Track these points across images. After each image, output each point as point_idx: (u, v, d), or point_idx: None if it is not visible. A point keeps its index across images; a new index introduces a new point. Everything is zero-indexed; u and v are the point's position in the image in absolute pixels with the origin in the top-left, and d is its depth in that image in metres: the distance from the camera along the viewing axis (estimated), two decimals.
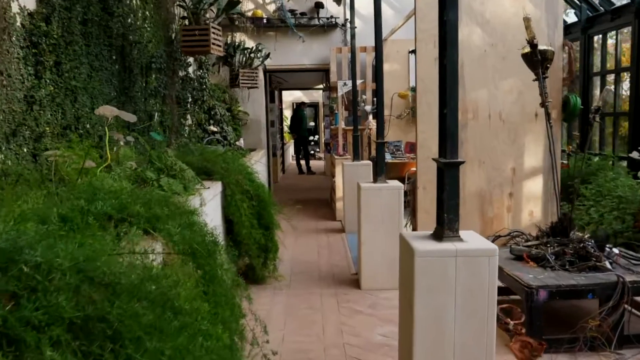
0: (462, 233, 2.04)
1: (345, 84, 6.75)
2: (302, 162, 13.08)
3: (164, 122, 4.98)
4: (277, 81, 11.63)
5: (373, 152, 7.69)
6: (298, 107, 13.28)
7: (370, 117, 7.54)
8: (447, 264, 1.89)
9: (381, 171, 3.89)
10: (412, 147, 7.52)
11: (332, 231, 6.05)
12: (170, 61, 5.19)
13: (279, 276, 4.02)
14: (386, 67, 7.71)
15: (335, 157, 6.68)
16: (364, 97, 7.40)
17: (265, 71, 8.06)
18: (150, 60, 4.50)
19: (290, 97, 19.75)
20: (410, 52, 6.98)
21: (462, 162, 2.03)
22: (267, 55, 5.97)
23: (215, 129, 6.55)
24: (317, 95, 19.75)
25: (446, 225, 1.99)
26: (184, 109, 5.78)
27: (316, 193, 9.18)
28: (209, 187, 3.22)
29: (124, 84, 3.98)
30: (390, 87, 7.63)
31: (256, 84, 5.96)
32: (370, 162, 5.98)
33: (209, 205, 3.13)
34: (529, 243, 3.34)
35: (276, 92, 11.31)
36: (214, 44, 3.74)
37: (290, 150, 16.51)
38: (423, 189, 4.21)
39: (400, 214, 3.81)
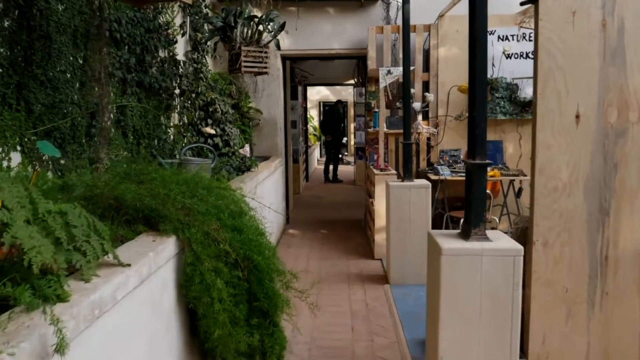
0: None
1: (389, 72, 4.97)
2: (331, 167, 11.25)
3: (124, 122, 3.31)
4: (301, 75, 9.91)
5: (422, 165, 5.89)
6: (335, 105, 11.43)
7: (420, 117, 5.74)
8: None
9: (479, 219, 2.08)
10: None
11: (371, 279, 4.28)
12: (139, 32, 3.52)
13: None
14: (442, 52, 5.90)
15: (375, 171, 4.90)
16: (411, 91, 5.58)
17: (284, 57, 6.34)
18: (93, 24, 2.83)
19: (316, 95, 18.05)
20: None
21: None
22: (282, 27, 4.23)
23: (212, 131, 4.87)
24: (345, 94, 17.99)
25: None
26: (164, 103, 4.11)
27: (346, 210, 7.41)
28: (128, 265, 1.50)
29: (25, 52, 2.31)
30: (446, 78, 5.81)
31: (266, 67, 4.25)
32: (427, 184, 4.18)
33: (128, 303, 1.40)
34: None
35: (299, 88, 9.62)
36: None
37: (316, 154, 14.78)
38: (543, 244, 2.39)
39: (516, 302, 2.00)
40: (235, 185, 3.25)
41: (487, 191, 4.70)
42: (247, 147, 4.74)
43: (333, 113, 11.21)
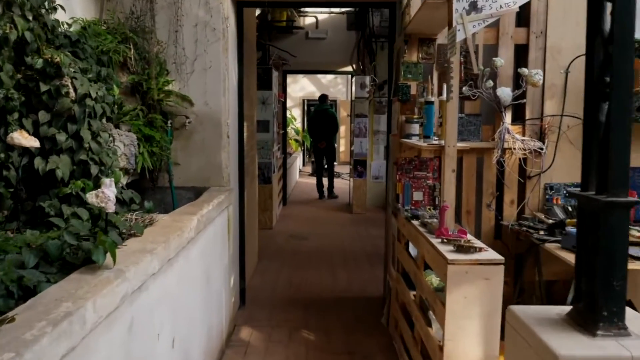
0: None
1: (474, 8, 2.06)
2: (325, 180, 8.73)
3: None
4: (277, 55, 6.97)
5: (507, 213, 2.96)
6: (323, 102, 8.50)
7: (508, 118, 2.91)
8: None
9: None
10: None
11: None
12: None
13: None
14: None
15: (444, 252, 1.95)
16: (497, 61, 2.71)
17: (240, 0, 3.40)
18: None
19: (299, 91, 15.11)
20: None
21: None
22: None
23: (33, 143, 1.91)
24: (334, 91, 15.10)
25: None
26: None
27: (344, 269, 4.51)
28: None
29: None
30: (564, 40, 2.91)
31: None
32: None
33: None
34: None
35: (276, 75, 6.66)
36: None
37: (297, 164, 11.85)
38: None
39: None
40: None
41: None
42: (109, 189, 1.76)
43: (325, 113, 8.42)
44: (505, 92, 2.76)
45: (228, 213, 3.06)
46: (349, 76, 10.98)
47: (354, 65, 7.50)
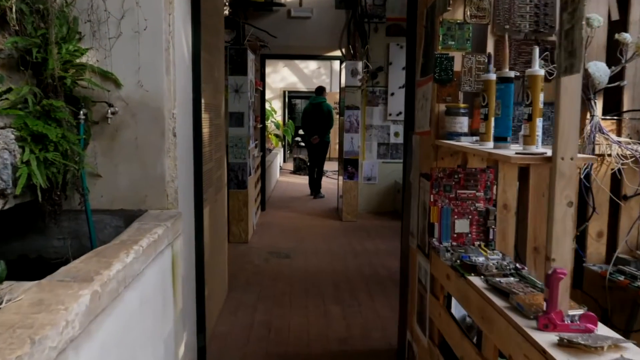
0: None
1: None
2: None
3: None
4: (251, 34, 5.90)
5: (590, 252, 1.90)
6: (319, 94, 7.76)
7: (599, 108, 1.91)
8: None
9: None
10: None
11: None
12: None
13: None
14: None
15: None
16: (592, 20, 1.74)
17: None
18: None
19: (280, 82, 14.00)
20: None
21: None
22: None
23: None
24: (318, 82, 14.04)
25: None
26: None
27: (333, 300, 3.52)
28: None
29: None
30: None
31: None
32: None
33: None
34: None
35: (252, 58, 5.59)
36: None
37: (278, 160, 10.79)
38: None
39: None
40: None
41: None
42: None
43: (319, 107, 7.62)
44: (601, 69, 1.79)
45: (173, 252, 2.02)
46: (334, 65, 10.03)
47: (344, 50, 6.49)
